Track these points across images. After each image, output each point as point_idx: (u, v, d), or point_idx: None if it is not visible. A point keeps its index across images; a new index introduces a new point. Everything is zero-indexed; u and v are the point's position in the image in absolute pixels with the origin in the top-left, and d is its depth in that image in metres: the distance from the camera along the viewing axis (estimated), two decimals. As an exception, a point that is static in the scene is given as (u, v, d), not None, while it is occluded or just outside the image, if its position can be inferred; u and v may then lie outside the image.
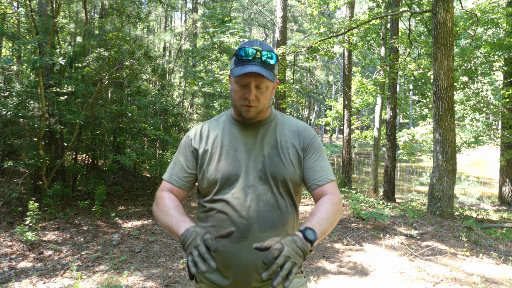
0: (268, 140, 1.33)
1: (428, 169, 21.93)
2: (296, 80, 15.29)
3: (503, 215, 8.48)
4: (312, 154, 1.35)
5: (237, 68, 1.23)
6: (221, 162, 1.29)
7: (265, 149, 1.31)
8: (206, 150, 1.33)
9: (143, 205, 6.75)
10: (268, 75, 1.22)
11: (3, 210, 5.28)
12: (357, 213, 6.02)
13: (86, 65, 6.29)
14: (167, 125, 9.02)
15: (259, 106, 1.27)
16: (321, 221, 1.18)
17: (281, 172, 1.28)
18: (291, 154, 1.31)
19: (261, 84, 1.24)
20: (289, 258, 0.98)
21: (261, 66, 1.21)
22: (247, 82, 1.23)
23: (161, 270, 3.73)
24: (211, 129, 1.38)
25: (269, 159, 1.29)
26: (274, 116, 1.39)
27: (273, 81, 1.26)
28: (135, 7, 6.44)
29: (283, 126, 1.37)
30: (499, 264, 4.05)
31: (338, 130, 37.85)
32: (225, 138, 1.33)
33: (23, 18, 8.26)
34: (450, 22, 5.94)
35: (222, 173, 1.28)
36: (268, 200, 1.26)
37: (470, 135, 10.76)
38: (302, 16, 25.13)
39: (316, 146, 1.36)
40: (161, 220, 1.26)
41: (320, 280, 3.55)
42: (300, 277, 1.37)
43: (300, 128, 1.38)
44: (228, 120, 1.38)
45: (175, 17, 20.64)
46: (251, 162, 1.29)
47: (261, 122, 1.35)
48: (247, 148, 1.31)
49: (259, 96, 1.26)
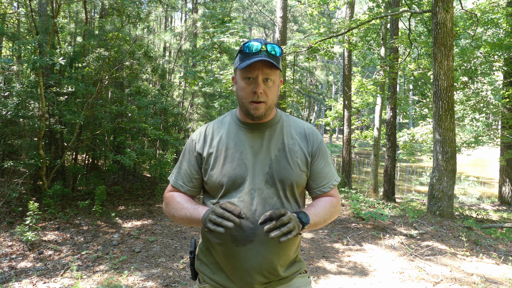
0: (275, 142, 1.30)
1: (428, 169, 21.94)
2: (296, 80, 15.30)
3: (503, 215, 8.49)
4: (320, 160, 1.34)
5: (244, 62, 1.21)
6: (226, 165, 1.27)
7: (272, 152, 1.29)
8: (211, 153, 1.30)
9: (143, 205, 6.75)
10: (276, 63, 1.21)
11: (3, 210, 5.28)
12: (357, 213, 6.02)
13: (86, 65, 6.30)
14: (167, 125, 9.03)
15: (268, 101, 1.25)
16: (317, 213, 1.25)
17: (288, 176, 1.27)
18: (298, 158, 1.30)
19: (269, 76, 1.23)
20: (292, 220, 1.11)
21: (268, 57, 1.20)
22: (254, 75, 1.22)
23: (161, 270, 3.74)
24: (215, 130, 1.35)
25: (276, 162, 1.27)
26: (279, 117, 1.36)
27: (280, 70, 1.26)
28: (135, 7, 6.44)
29: (290, 128, 1.35)
30: (499, 264, 4.05)
31: (338, 130, 37.86)
32: (230, 140, 1.31)
33: (23, 18, 8.26)
34: (450, 22, 5.94)
35: (228, 177, 1.26)
36: (274, 203, 1.25)
37: (470, 135, 10.76)
38: (302, 16, 25.13)
39: (323, 151, 1.36)
40: (177, 216, 1.28)
41: (320, 280, 3.55)
42: (304, 277, 1.37)
43: (308, 131, 1.36)
44: (233, 122, 1.35)
45: (175, 17, 20.64)
46: (257, 165, 1.27)
47: (267, 123, 1.33)
48: (254, 150, 1.29)
49: (267, 91, 1.24)
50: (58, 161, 6.00)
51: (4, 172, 6.50)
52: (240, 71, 1.25)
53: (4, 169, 5.79)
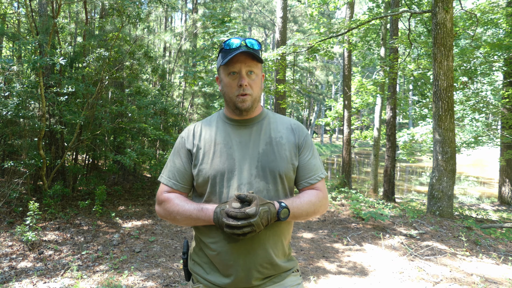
0: (263, 137, 1.34)
1: (428, 169, 21.94)
2: (296, 80, 15.30)
3: (502, 215, 8.49)
4: (307, 152, 1.37)
5: (226, 57, 1.26)
6: (215, 160, 1.30)
7: (260, 146, 1.32)
8: (200, 148, 1.33)
9: (143, 205, 6.76)
10: (257, 55, 1.26)
11: (4, 210, 5.29)
12: (357, 213, 6.03)
13: (87, 65, 6.30)
14: (167, 125, 9.03)
15: (253, 94, 1.30)
16: (301, 206, 1.26)
17: (277, 168, 1.29)
18: (286, 150, 1.33)
19: (251, 69, 1.28)
20: (252, 227, 1.11)
21: (248, 50, 1.25)
22: (237, 69, 1.27)
23: (161, 270, 3.74)
24: (203, 128, 1.39)
25: (264, 155, 1.30)
26: (265, 114, 1.41)
27: (261, 62, 1.31)
28: (135, 7, 6.44)
29: (276, 123, 1.39)
30: (499, 264, 4.06)
31: (338, 130, 37.87)
32: (218, 136, 1.34)
33: (24, 18, 8.27)
34: (450, 22, 5.94)
35: (216, 171, 1.28)
36: (264, 197, 1.27)
37: (469, 135, 10.76)
38: (302, 16, 25.13)
39: (310, 144, 1.40)
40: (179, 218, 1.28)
41: (319, 280, 3.56)
42: (296, 275, 1.38)
43: (294, 125, 1.41)
44: (221, 119, 1.40)
45: (175, 17, 20.65)
46: (246, 160, 1.29)
47: (253, 119, 1.37)
48: (241, 145, 1.32)
49: (252, 83, 1.29)
50: (58, 161, 6.01)
51: (4, 172, 6.51)
52: (223, 68, 1.30)
53: (5, 169, 5.80)
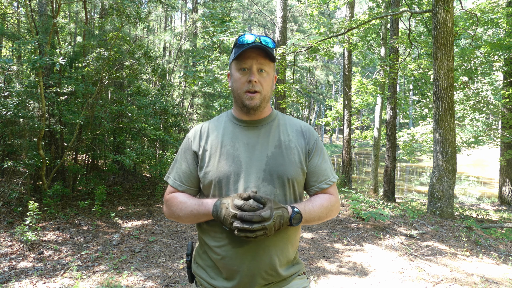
0: (272, 140, 1.30)
1: (428, 169, 21.93)
2: (296, 80, 15.30)
3: (503, 215, 8.48)
4: (317, 157, 1.33)
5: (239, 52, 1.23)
6: (221, 162, 1.26)
7: (269, 149, 1.28)
8: (206, 150, 1.29)
9: (143, 205, 6.75)
10: (270, 52, 1.23)
11: (3, 210, 5.28)
12: (357, 213, 6.02)
13: (86, 65, 6.29)
14: (167, 125, 9.02)
15: (263, 92, 1.26)
16: (313, 211, 1.24)
17: (285, 172, 1.25)
18: (295, 154, 1.29)
19: (263, 67, 1.24)
20: (265, 230, 1.09)
21: (261, 46, 1.22)
22: (249, 65, 1.24)
23: (161, 270, 3.73)
24: (211, 129, 1.35)
25: (273, 159, 1.26)
26: (275, 115, 1.37)
27: (274, 61, 1.27)
28: (135, 7, 6.44)
29: (286, 125, 1.35)
30: (499, 264, 4.05)
31: (338, 130, 37.85)
32: (226, 137, 1.30)
33: (23, 18, 8.27)
34: (450, 22, 5.94)
35: (222, 174, 1.25)
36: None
37: (470, 135, 10.75)
38: (302, 16, 25.12)
39: (320, 148, 1.36)
40: (182, 215, 1.27)
41: (319, 280, 3.55)
42: (303, 278, 1.36)
43: (304, 128, 1.36)
44: (228, 120, 1.35)
45: (175, 17, 20.62)
46: (253, 163, 1.25)
47: (262, 120, 1.33)
48: (248, 147, 1.27)
49: (262, 81, 1.25)
50: (58, 161, 6.00)
51: (4, 172, 6.50)
52: (235, 63, 1.27)
53: (4, 169, 5.79)
